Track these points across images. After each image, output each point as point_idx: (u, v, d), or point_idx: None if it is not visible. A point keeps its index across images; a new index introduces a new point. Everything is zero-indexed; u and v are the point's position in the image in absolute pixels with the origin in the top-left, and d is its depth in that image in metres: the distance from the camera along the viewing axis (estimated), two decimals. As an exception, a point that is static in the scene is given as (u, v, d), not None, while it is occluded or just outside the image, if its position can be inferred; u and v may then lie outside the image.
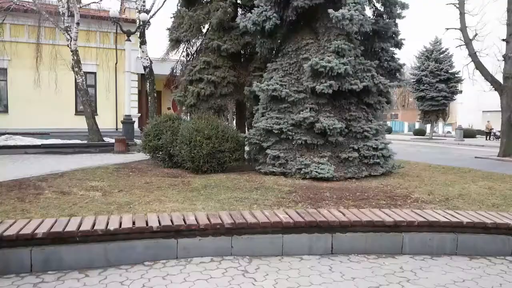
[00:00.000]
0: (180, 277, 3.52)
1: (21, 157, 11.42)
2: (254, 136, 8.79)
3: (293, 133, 8.37)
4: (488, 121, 34.35)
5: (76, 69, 14.57)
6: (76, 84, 15.50)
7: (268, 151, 8.48)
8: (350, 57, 8.28)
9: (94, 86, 19.08)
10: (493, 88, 15.56)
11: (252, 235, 4.09)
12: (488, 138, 32.95)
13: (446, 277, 3.69)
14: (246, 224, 4.06)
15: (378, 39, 9.28)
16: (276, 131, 8.40)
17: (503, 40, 15.64)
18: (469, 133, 34.05)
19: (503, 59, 15.52)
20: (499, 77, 15.52)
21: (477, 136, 35.98)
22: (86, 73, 16.50)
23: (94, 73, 19.05)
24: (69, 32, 14.35)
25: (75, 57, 14.49)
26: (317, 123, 8.16)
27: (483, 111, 40.00)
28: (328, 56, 8.14)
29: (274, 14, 8.52)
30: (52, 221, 3.92)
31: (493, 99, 21.36)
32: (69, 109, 18.39)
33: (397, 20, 9.57)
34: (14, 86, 17.47)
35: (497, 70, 16.12)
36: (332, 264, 3.92)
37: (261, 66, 10.10)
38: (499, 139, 26.96)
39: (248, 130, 11.11)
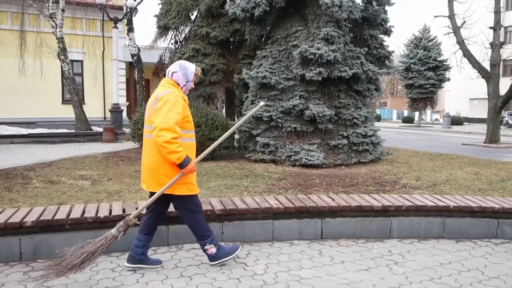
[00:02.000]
0: (172, 263, 3.54)
1: (7, 147, 11.26)
2: (243, 124, 8.78)
3: (283, 121, 8.39)
4: None
5: (62, 57, 14.33)
6: (63, 72, 15.24)
7: (258, 138, 8.49)
8: (340, 44, 8.28)
9: (81, 75, 18.82)
10: (480, 76, 15.71)
11: (242, 221, 4.11)
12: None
13: (433, 259, 3.76)
14: (236, 210, 4.08)
15: (367, 26, 9.28)
16: (265, 119, 8.40)
17: (491, 28, 15.78)
18: (456, 121, 34.40)
19: (490, 46, 15.66)
20: (486, 65, 15.67)
21: (464, 123, 36.39)
22: (72, 61, 16.24)
23: (81, 61, 18.79)
24: (54, 19, 14.06)
25: (61, 45, 14.23)
26: (306, 110, 8.18)
27: (470, 99, 40.40)
28: (318, 43, 8.12)
29: (263, 1, 8.45)
30: (41, 209, 3.89)
31: (480, 87, 21.58)
32: (56, 98, 18.13)
33: (386, 7, 9.59)
34: (-2, 75, 17.17)
35: (484, 57, 16.24)
36: (322, 248, 3.97)
37: (250, 54, 10.06)
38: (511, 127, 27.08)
39: (237, 118, 11.11)
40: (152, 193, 3.35)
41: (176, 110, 3.11)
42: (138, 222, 3.38)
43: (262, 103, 4.07)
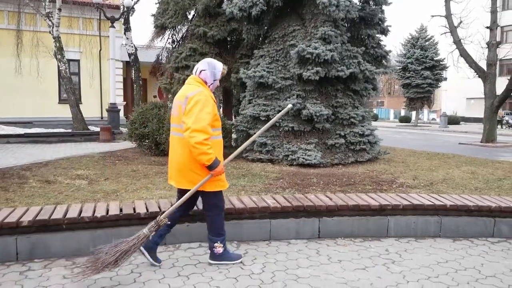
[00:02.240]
0: (169, 262, 3.53)
1: (4, 146, 11.21)
2: (241, 123, 8.79)
3: (280, 120, 8.39)
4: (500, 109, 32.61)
5: (59, 56, 14.28)
6: (59, 71, 15.19)
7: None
8: (337, 43, 8.29)
9: (78, 74, 18.75)
10: (477, 75, 15.77)
11: (240, 220, 4.11)
12: (499, 127, 29.59)
13: (430, 258, 3.77)
14: (234, 210, 4.08)
15: (365, 25, 9.29)
16: (263, 118, 8.40)
17: (487, 27, 15.84)
18: (453, 120, 34.51)
19: (487, 46, 15.71)
20: (483, 64, 15.72)
21: (461, 123, 36.50)
22: (69, 60, 16.21)
23: (78, 61, 18.72)
24: (51, 18, 14.01)
25: (58, 44, 14.18)
26: (304, 110, 8.18)
27: (467, 98, 40.54)
28: (315, 42, 8.13)
29: (261, 0, 8.44)
30: (38, 209, 3.88)
31: (477, 86, 21.65)
32: (53, 97, 18.06)
33: (384, 7, 9.57)
34: (-6, 74, 17.10)
35: (481, 57, 16.28)
36: (319, 247, 3.97)
37: (247, 53, 10.04)
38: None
39: (235, 117, 11.11)
40: (180, 190, 3.43)
41: (207, 110, 3.18)
42: (169, 222, 3.41)
43: (290, 105, 4.13)
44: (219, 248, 3.43)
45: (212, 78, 3.37)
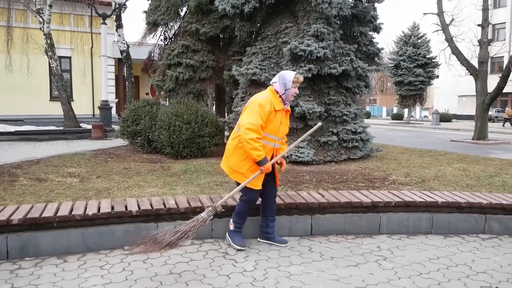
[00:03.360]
0: (161, 260, 3.52)
1: (-6, 144, 11.10)
2: (234, 121, 8.76)
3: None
4: (507, 107, 31.33)
5: (50, 53, 14.15)
6: (50, 68, 15.06)
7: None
8: (329, 41, 8.29)
9: (69, 71, 18.59)
10: (469, 73, 15.86)
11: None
12: (506, 124, 29.23)
13: (421, 254, 3.80)
14: (226, 207, 4.07)
15: (357, 23, 9.30)
16: (256, 116, 8.38)
17: (479, 25, 15.93)
18: (445, 117, 34.75)
19: (478, 44, 15.81)
20: (475, 62, 15.82)
21: (453, 120, 36.77)
22: (60, 57, 16.05)
23: (69, 58, 18.55)
24: (42, 15, 13.88)
25: (49, 41, 14.06)
26: (296, 107, 8.18)
27: (459, 96, 40.84)
28: (308, 40, 8.13)
29: (253, -3, 8.41)
30: (28, 207, 3.84)
31: (469, 84, 21.82)
32: (44, 94, 17.89)
33: (376, 4, 9.61)
34: (-16, 71, 16.88)
35: (472, 55, 16.39)
36: (312, 244, 3.98)
37: (240, 50, 10.02)
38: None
39: (227, 115, 11.08)
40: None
41: (261, 114, 3.54)
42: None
43: (319, 123, 4.37)
44: (231, 226, 3.84)
45: (283, 89, 3.66)
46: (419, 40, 32.04)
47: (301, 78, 3.75)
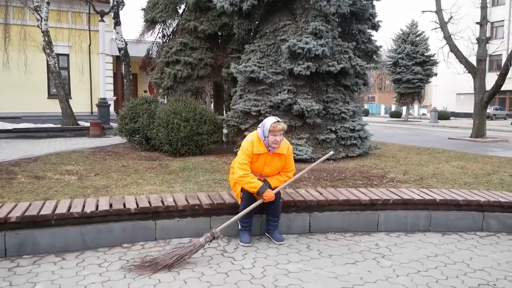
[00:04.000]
0: (159, 258, 3.51)
1: (-8, 141, 11.07)
2: (232, 118, 8.76)
3: (271, 115, 8.36)
4: None
5: (48, 51, 14.10)
6: (48, 66, 15.01)
7: (246, 133, 8.46)
8: (328, 38, 8.29)
9: (67, 69, 18.55)
10: (467, 71, 15.87)
11: (230, 215, 4.09)
12: None
13: (419, 252, 3.80)
14: (224, 205, 4.07)
15: (356, 20, 9.29)
16: (254, 113, 8.38)
17: (477, 23, 15.93)
18: (443, 115, 34.79)
19: (476, 42, 15.82)
20: (473, 60, 15.83)
21: (451, 118, 36.82)
22: (58, 54, 16.01)
23: (67, 55, 18.51)
24: (39, 12, 13.82)
25: (46, 38, 14.00)
26: (295, 105, 8.18)
27: (457, 94, 40.90)
28: (306, 37, 8.12)
29: (252, -6, 8.39)
30: (26, 204, 3.83)
31: (467, 82, 21.83)
32: (42, 92, 17.85)
33: (375, 2, 9.58)
34: (-18, 69, 16.83)
35: (470, 53, 16.39)
36: (310, 242, 3.99)
37: (238, 48, 9.99)
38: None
39: (226, 112, 11.07)
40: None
41: (246, 154, 3.86)
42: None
43: (331, 152, 4.74)
44: (239, 225, 3.98)
45: (262, 135, 3.90)
46: (418, 38, 32.03)
47: (280, 126, 3.84)
